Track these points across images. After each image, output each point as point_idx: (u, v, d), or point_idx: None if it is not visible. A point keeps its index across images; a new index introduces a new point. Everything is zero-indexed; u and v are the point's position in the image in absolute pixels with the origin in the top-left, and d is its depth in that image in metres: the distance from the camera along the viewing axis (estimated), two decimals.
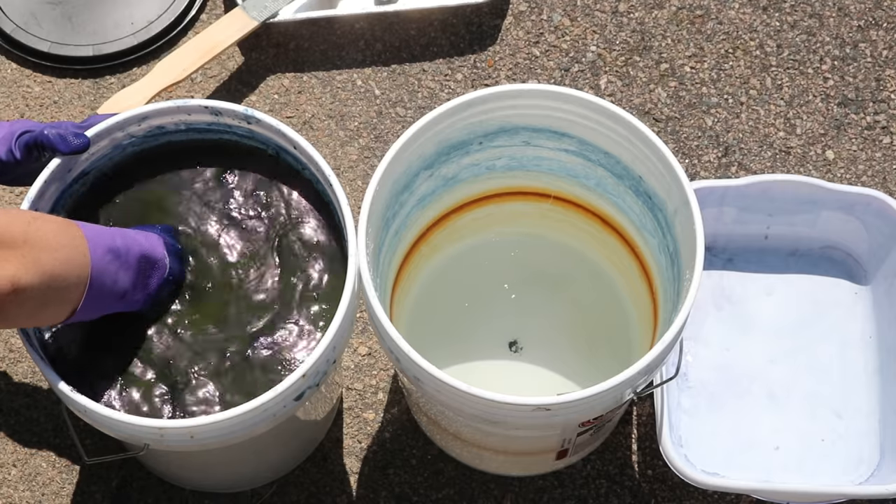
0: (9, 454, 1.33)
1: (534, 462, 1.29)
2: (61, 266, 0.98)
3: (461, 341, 1.32)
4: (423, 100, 1.49)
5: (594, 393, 1.02)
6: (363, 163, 1.46)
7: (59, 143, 1.08)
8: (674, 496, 1.32)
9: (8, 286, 0.93)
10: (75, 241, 1.00)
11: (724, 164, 1.46)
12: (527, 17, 1.53)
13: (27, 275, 0.94)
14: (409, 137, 1.12)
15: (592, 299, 1.33)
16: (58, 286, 0.98)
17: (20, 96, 1.49)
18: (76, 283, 1.00)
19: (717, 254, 1.38)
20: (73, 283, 0.99)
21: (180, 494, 1.32)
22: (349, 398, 1.35)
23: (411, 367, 1.05)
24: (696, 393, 1.32)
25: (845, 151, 1.47)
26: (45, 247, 0.97)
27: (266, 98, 1.49)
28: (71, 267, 0.99)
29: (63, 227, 1.00)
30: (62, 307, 1.00)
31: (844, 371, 1.33)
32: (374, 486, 1.32)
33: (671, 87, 1.50)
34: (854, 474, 1.29)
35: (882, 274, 1.34)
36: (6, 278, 0.93)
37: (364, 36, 1.53)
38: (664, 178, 1.13)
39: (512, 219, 1.31)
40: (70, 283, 0.99)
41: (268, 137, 1.15)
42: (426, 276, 1.32)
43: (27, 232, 0.96)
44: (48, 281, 0.96)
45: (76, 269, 1.00)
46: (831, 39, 1.52)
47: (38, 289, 0.96)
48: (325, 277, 1.13)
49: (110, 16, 1.52)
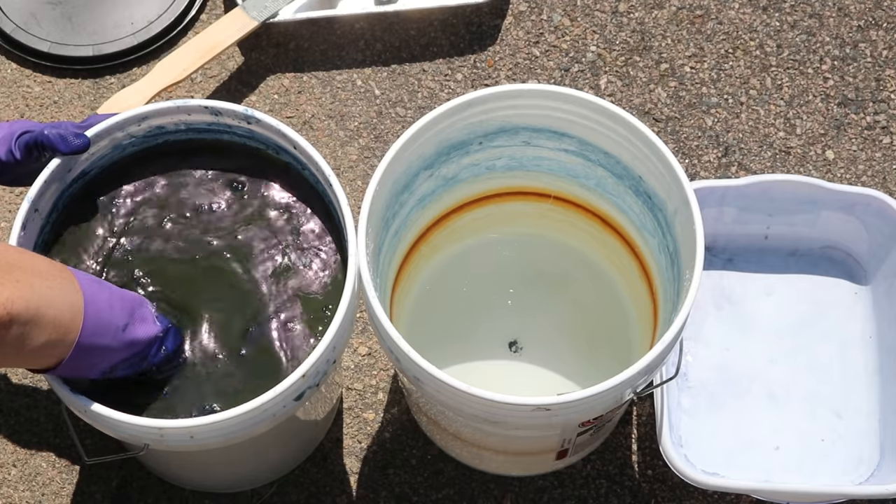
0: (9, 454, 1.33)
1: (534, 462, 1.29)
2: (54, 293, 0.95)
3: (461, 341, 1.32)
4: (423, 100, 1.49)
5: (594, 393, 1.02)
6: (363, 163, 1.46)
7: (59, 143, 1.08)
8: (674, 496, 1.32)
9: (1, 310, 0.90)
10: (64, 273, 0.98)
11: (724, 164, 1.46)
12: (527, 17, 1.53)
13: (20, 300, 0.91)
14: (409, 137, 1.12)
15: (592, 299, 1.33)
16: (52, 315, 0.94)
17: (20, 96, 1.49)
18: (70, 312, 0.96)
19: (717, 254, 1.38)
20: (67, 311, 0.96)
21: (180, 494, 1.32)
22: (349, 398, 1.35)
23: (411, 367, 1.05)
24: (696, 393, 1.32)
25: (845, 151, 1.47)
26: (37, 273, 0.95)
27: (266, 98, 1.49)
28: (64, 294, 0.96)
29: (50, 261, 0.98)
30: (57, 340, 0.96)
31: (844, 371, 1.33)
32: (374, 486, 1.32)
33: (671, 87, 1.50)
34: (854, 474, 1.29)
35: (882, 274, 1.34)
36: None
37: (364, 36, 1.53)
38: (664, 178, 1.13)
39: (512, 219, 1.31)
40: (63, 311, 0.95)
41: (268, 137, 1.15)
42: (426, 276, 1.32)
43: (21, 259, 0.95)
44: (43, 308, 0.93)
45: (69, 295, 0.97)
46: (831, 39, 1.52)
47: (33, 315, 0.92)
48: (325, 277, 1.13)
49: (110, 16, 1.52)
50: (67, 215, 1.13)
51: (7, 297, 0.91)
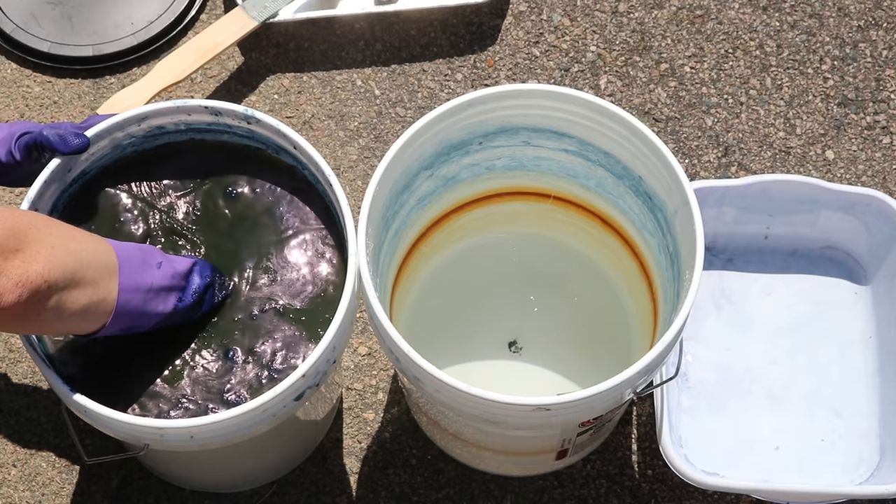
0: (9, 454, 1.33)
1: (534, 462, 1.29)
2: (89, 255, 0.98)
3: (461, 341, 1.32)
4: (423, 100, 1.49)
5: (594, 393, 1.02)
6: (363, 163, 1.46)
7: (59, 144, 1.07)
8: (674, 496, 1.32)
9: (39, 280, 0.93)
10: (91, 235, 1.02)
11: (724, 164, 1.46)
12: (527, 17, 1.53)
13: (58, 267, 0.94)
14: (409, 137, 1.12)
15: (592, 299, 1.33)
16: (91, 276, 0.97)
17: (20, 96, 1.49)
18: (107, 267, 1.00)
19: (717, 254, 1.38)
20: (104, 266, 0.99)
21: (180, 494, 1.32)
22: (349, 398, 1.35)
23: (411, 367, 1.05)
24: (696, 393, 1.32)
25: (845, 151, 1.47)
26: (71, 238, 0.98)
27: (266, 98, 1.49)
28: (98, 252, 0.99)
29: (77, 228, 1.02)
30: (98, 300, 0.99)
31: (844, 371, 1.33)
32: (374, 486, 1.32)
33: (671, 87, 1.50)
34: (854, 474, 1.29)
35: (882, 274, 1.34)
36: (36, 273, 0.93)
37: (364, 36, 1.53)
38: (664, 178, 1.13)
39: (512, 219, 1.31)
40: (101, 267, 0.99)
41: (268, 137, 1.15)
42: (426, 276, 1.32)
43: (53, 226, 0.97)
44: (80, 270, 0.96)
45: (103, 252, 1.00)
46: (831, 39, 1.52)
47: (70, 279, 0.95)
48: (325, 277, 1.13)
49: (110, 16, 1.52)
50: (67, 215, 1.13)
51: (44, 263, 0.93)
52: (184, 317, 1.08)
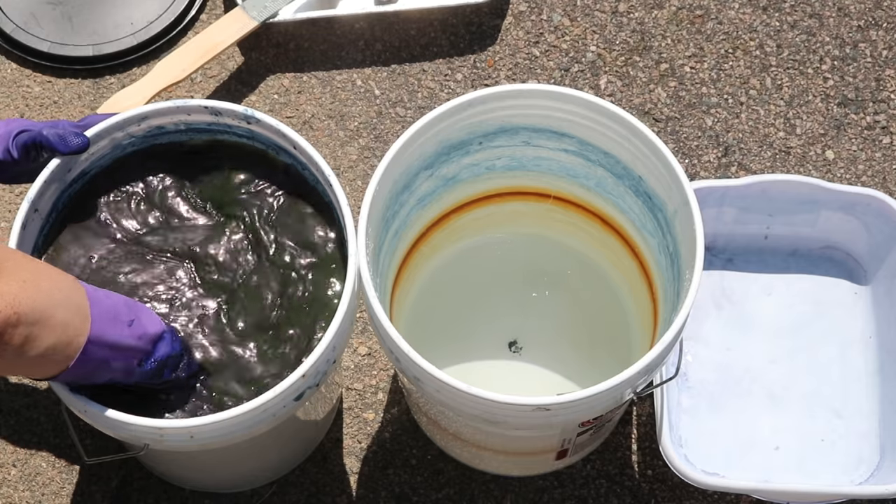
0: (9, 454, 1.33)
1: (534, 462, 1.29)
2: (62, 295, 0.95)
3: (461, 341, 1.32)
4: (423, 100, 1.49)
5: (594, 393, 1.02)
6: (363, 163, 1.46)
7: (59, 144, 1.07)
8: (674, 496, 1.32)
9: (8, 309, 0.89)
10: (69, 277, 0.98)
11: (724, 164, 1.46)
12: (527, 17, 1.53)
13: (28, 300, 0.91)
14: (409, 137, 1.12)
15: (592, 299, 1.33)
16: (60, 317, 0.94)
17: (20, 96, 1.49)
18: (78, 315, 0.96)
19: (717, 254, 1.38)
20: (75, 313, 0.95)
21: (180, 494, 1.32)
22: (349, 398, 1.35)
23: (411, 367, 1.05)
24: (696, 393, 1.32)
25: (845, 151, 1.47)
26: (45, 276, 0.94)
27: (266, 98, 1.49)
28: (71, 297, 0.96)
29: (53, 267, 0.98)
30: (65, 342, 0.95)
31: (844, 371, 1.33)
32: (374, 486, 1.32)
33: (671, 87, 1.50)
34: (854, 474, 1.29)
35: (882, 274, 1.34)
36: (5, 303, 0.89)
37: (364, 36, 1.53)
38: (664, 178, 1.13)
39: (512, 219, 1.31)
40: (71, 313, 0.95)
41: (268, 137, 1.15)
42: (426, 276, 1.32)
43: (26, 262, 0.94)
44: (50, 309, 0.93)
45: (76, 298, 0.96)
46: (831, 39, 1.52)
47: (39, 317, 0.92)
48: (325, 277, 1.13)
49: (110, 16, 1.52)
50: (67, 215, 1.13)
51: (14, 295, 0.90)
52: (142, 378, 1.04)
